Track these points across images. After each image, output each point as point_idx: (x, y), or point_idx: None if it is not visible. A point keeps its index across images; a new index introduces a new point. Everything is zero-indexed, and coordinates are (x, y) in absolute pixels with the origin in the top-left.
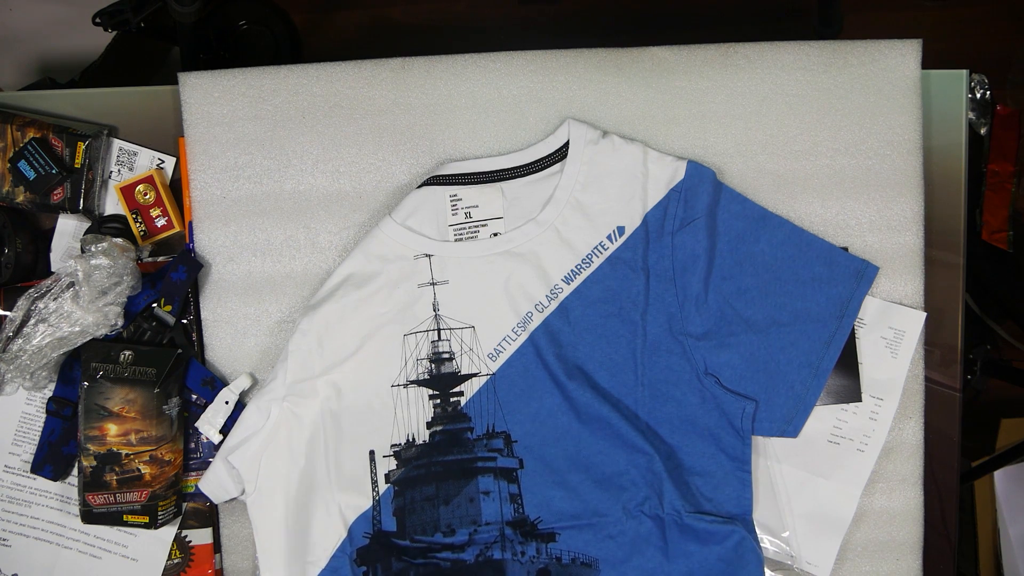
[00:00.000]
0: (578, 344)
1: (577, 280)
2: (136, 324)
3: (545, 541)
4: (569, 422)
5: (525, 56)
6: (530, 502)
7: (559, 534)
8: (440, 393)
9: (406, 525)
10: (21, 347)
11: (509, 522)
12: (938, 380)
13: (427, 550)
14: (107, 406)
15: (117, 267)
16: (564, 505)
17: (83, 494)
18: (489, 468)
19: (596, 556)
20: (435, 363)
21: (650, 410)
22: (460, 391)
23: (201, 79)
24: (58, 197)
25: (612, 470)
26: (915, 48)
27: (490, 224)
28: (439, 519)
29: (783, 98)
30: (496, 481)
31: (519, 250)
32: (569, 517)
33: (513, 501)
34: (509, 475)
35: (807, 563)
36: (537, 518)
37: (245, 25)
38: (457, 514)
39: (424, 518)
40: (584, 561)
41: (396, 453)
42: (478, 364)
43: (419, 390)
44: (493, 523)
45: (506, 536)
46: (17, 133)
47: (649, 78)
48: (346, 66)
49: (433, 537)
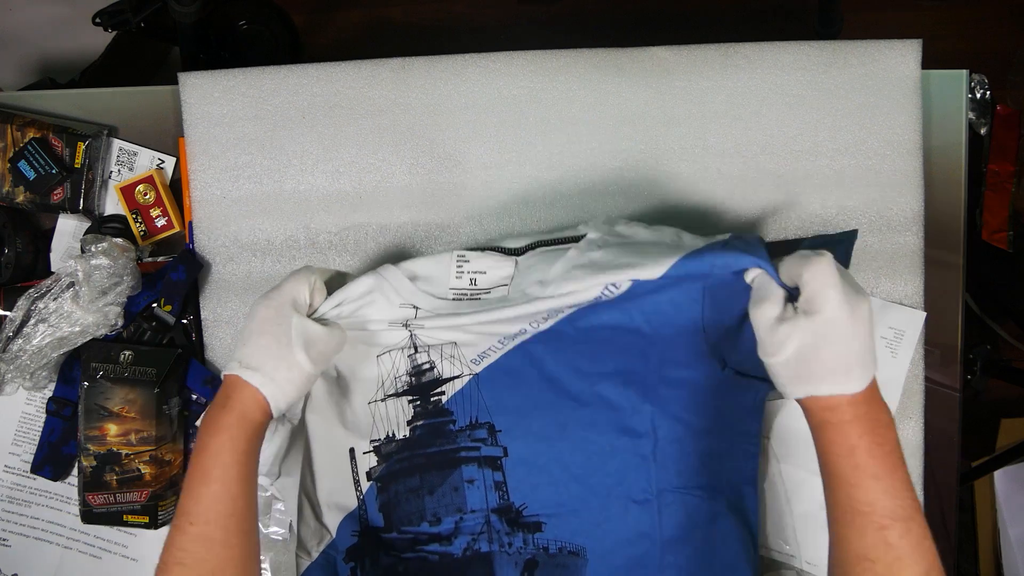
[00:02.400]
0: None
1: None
2: (136, 324)
3: (532, 531)
4: (555, 412)
5: (525, 56)
6: (515, 490)
7: (545, 523)
8: (420, 397)
9: (392, 518)
10: (21, 347)
11: (494, 509)
12: (938, 380)
13: (414, 541)
14: (107, 406)
15: (117, 267)
16: (549, 492)
17: (83, 494)
18: (473, 457)
19: (583, 545)
20: (415, 376)
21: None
22: (441, 391)
23: (201, 79)
24: (58, 197)
25: (597, 458)
26: (915, 48)
27: (493, 292)
28: (424, 509)
29: (783, 98)
30: (480, 469)
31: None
32: (554, 504)
33: (498, 489)
34: (493, 463)
35: (807, 563)
36: (522, 504)
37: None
38: (443, 503)
39: (409, 509)
40: (571, 550)
41: (376, 448)
42: (461, 367)
43: (398, 399)
44: (478, 511)
45: (492, 526)
46: (17, 133)
47: (649, 78)
48: (346, 66)
49: (420, 527)
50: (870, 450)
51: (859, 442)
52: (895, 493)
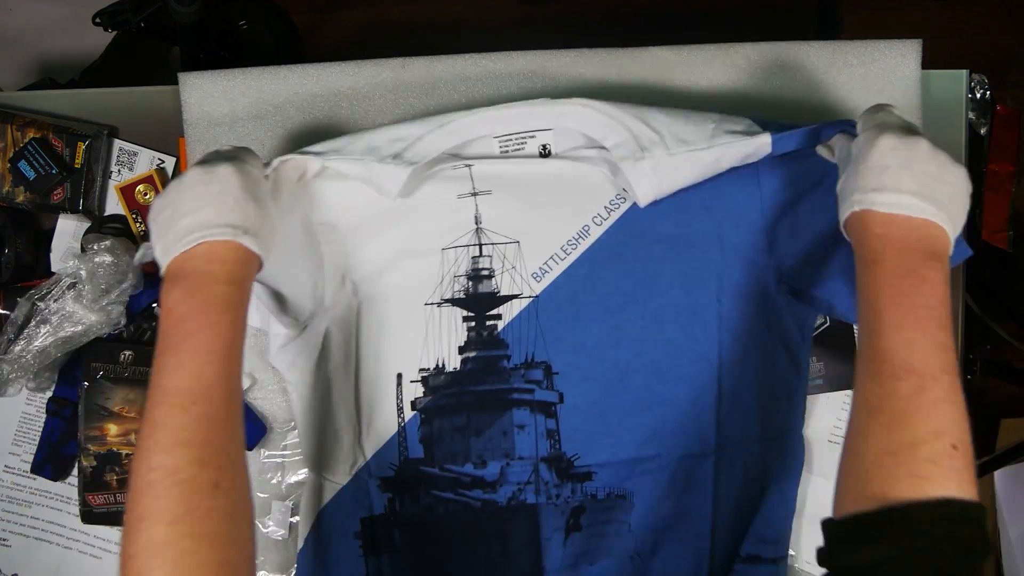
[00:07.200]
0: (646, 259)
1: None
2: (137, 324)
3: (581, 481)
4: (617, 354)
5: (525, 56)
6: (568, 439)
7: (596, 473)
8: (476, 315)
9: (434, 453)
10: (24, 348)
11: (544, 458)
12: None
13: (456, 483)
14: (107, 406)
15: (120, 265)
16: (604, 443)
17: (83, 494)
18: (526, 401)
19: (632, 490)
20: (473, 280)
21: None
22: (498, 314)
23: (201, 79)
24: (58, 197)
25: (657, 408)
26: (915, 48)
27: (538, 136)
28: (470, 450)
29: (783, 98)
30: (533, 415)
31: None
32: (608, 455)
33: (550, 437)
34: (547, 409)
35: (807, 563)
36: (575, 455)
37: (245, 25)
38: (489, 446)
39: (454, 448)
40: (619, 494)
41: (424, 379)
42: (520, 284)
43: (453, 310)
44: (527, 458)
45: (541, 477)
46: (17, 133)
47: (649, 78)
48: (346, 66)
49: (463, 467)
50: (895, 301)
51: (889, 287)
52: (918, 347)
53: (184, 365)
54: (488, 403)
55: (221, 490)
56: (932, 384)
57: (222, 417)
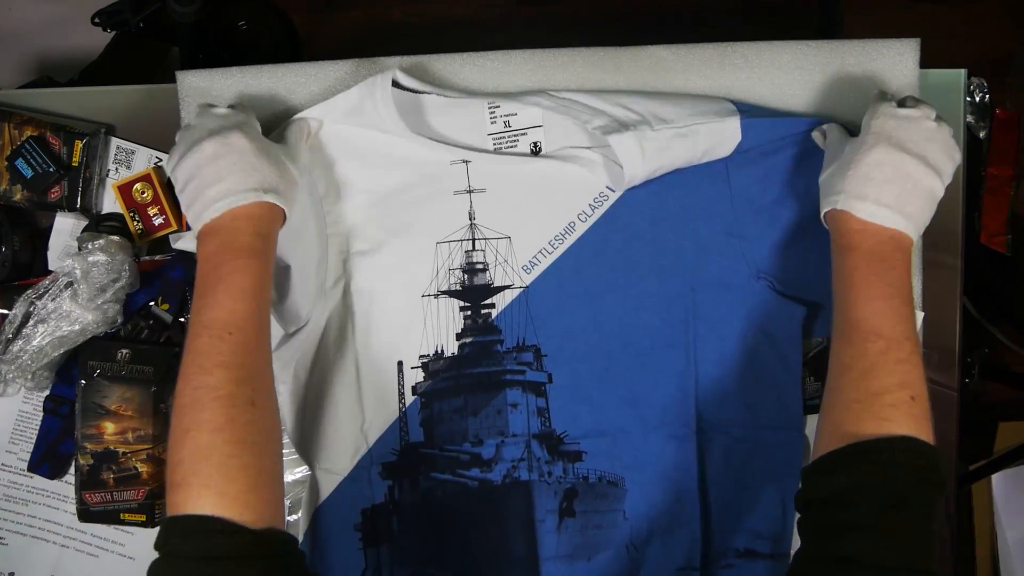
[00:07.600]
0: (626, 252)
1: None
2: (134, 322)
3: (572, 460)
4: (600, 339)
5: (523, 55)
6: (557, 416)
7: (585, 453)
8: (471, 305)
9: (434, 435)
10: (22, 348)
11: (535, 435)
12: (936, 383)
13: (455, 462)
14: (104, 404)
15: (115, 263)
16: (589, 420)
17: (80, 492)
18: (517, 381)
19: (622, 475)
20: (468, 273)
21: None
22: (492, 303)
23: (199, 78)
24: (55, 195)
25: (640, 388)
26: (913, 47)
27: (530, 133)
28: (467, 430)
29: (781, 98)
30: (524, 394)
31: (563, 154)
32: (595, 433)
33: (540, 415)
34: (537, 389)
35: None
36: (563, 432)
37: (245, 25)
38: (485, 425)
39: (452, 428)
40: (611, 480)
41: (424, 365)
42: (512, 276)
43: (450, 301)
44: (520, 435)
45: (533, 453)
46: (15, 131)
47: (648, 78)
48: (346, 66)
49: (461, 446)
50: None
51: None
52: (885, 316)
53: (220, 303)
54: (483, 384)
55: (257, 407)
56: (896, 347)
57: (254, 345)
